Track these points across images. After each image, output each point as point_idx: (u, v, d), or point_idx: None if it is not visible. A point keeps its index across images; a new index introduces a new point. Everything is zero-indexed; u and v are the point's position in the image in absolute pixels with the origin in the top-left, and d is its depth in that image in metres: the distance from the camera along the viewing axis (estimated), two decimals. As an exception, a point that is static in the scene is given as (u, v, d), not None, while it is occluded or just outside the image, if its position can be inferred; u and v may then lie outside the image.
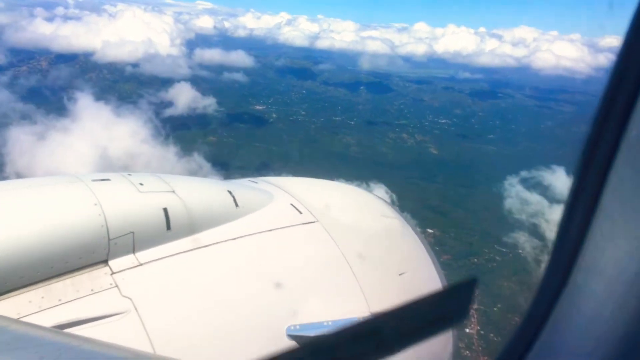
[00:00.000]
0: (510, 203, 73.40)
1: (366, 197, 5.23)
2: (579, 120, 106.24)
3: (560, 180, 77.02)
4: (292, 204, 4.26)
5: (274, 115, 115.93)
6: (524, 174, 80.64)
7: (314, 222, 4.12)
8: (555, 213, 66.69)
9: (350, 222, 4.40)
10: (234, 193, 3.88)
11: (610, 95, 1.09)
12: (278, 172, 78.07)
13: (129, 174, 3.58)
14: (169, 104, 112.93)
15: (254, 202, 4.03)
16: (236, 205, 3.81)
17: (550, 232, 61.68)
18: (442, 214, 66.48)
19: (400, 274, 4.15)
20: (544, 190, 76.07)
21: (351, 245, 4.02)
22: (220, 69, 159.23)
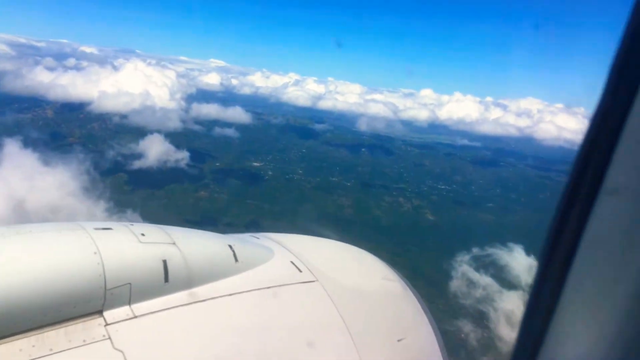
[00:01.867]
0: (457, 285, 69.57)
1: (368, 258, 5.12)
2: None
3: (517, 261, 74.05)
4: (292, 262, 4.21)
5: (270, 173, 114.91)
6: (476, 251, 77.38)
7: (313, 281, 4.07)
8: (505, 300, 64.05)
9: (351, 283, 4.33)
10: (234, 247, 3.84)
11: (568, 196, 1.14)
12: (267, 231, 77.17)
13: (132, 224, 3.54)
14: (139, 155, 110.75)
15: (254, 257, 4.00)
16: (236, 260, 3.77)
17: (498, 322, 59.43)
18: (434, 283, 63.78)
19: (399, 340, 4.09)
20: (498, 271, 72.98)
21: (350, 307, 3.97)
22: (214, 124, 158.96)
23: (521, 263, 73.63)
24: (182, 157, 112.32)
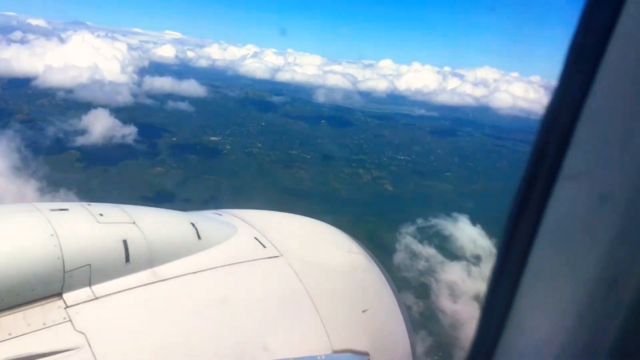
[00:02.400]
0: (400, 257, 68.67)
1: (332, 232, 5.14)
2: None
3: (462, 232, 74.14)
4: (256, 238, 4.19)
5: (228, 147, 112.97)
6: (420, 222, 76.71)
7: (277, 256, 4.06)
8: (448, 271, 64.42)
9: (315, 257, 4.35)
10: (196, 225, 3.80)
11: (527, 182, 1.14)
12: (227, 206, 76.11)
13: (89, 204, 3.48)
14: (82, 132, 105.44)
15: (217, 234, 3.95)
16: (198, 237, 3.74)
17: (440, 294, 59.81)
18: (388, 251, 64.30)
19: (363, 311, 4.12)
20: (442, 242, 72.91)
21: (315, 280, 3.98)
22: (167, 98, 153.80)
23: (466, 233, 73.86)
24: (129, 132, 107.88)
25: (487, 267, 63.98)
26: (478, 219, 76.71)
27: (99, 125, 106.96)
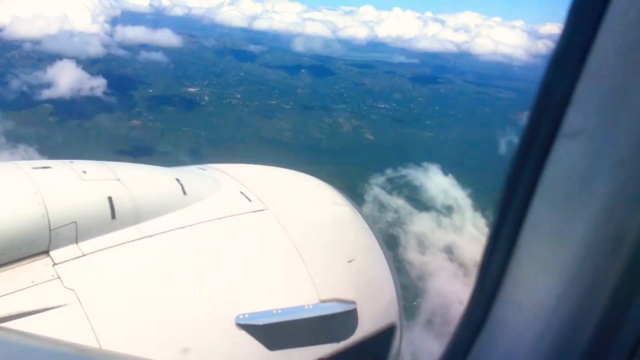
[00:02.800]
0: (368, 209, 67.06)
1: (317, 184, 5.12)
2: (515, 108, 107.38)
3: (432, 181, 73.71)
4: (241, 192, 4.21)
5: (207, 98, 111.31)
6: (390, 172, 76.19)
7: (263, 210, 4.08)
8: (416, 222, 64.80)
9: (301, 209, 4.40)
10: (181, 180, 3.82)
11: (526, 139, 1.16)
12: (206, 158, 76.33)
13: (72, 162, 3.46)
14: (47, 85, 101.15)
15: (202, 189, 3.98)
16: (184, 193, 3.75)
17: (408, 246, 60.27)
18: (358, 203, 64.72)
19: (349, 261, 4.19)
20: (412, 192, 72.83)
21: (301, 232, 4.03)
22: (141, 48, 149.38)
23: (437, 183, 73.69)
24: (98, 84, 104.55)
25: (458, 218, 66.37)
26: (456, 167, 77.08)
27: (67, 78, 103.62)
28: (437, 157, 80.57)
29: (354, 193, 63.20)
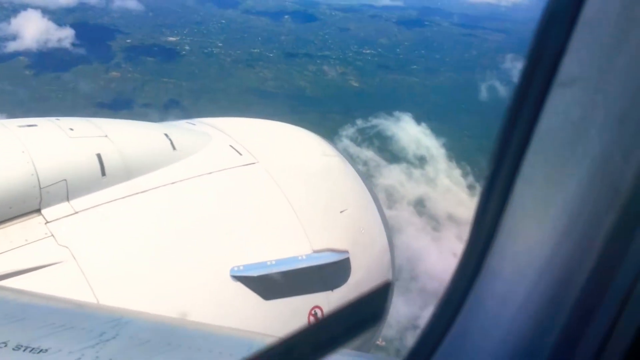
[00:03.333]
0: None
1: (306, 135, 5.19)
2: (503, 50, 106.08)
3: (405, 132, 71.29)
4: (231, 145, 4.19)
5: (187, 48, 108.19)
6: (360, 122, 73.21)
7: (254, 163, 4.09)
8: (386, 175, 63.32)
9: (291, 161, 4.46)
10: (170, 136, 3.81)
11: (521, 89, 1.15)
12: (188, 110, 76.14)
13: (57, 119, 3.41)
14: (12, 37, 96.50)
15: (192, 144, 3.95)
16: (173, 148, 3.73)
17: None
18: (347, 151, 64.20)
19: (341, 212, 4.22)
20: (384, 143, 70.40)
21: (292, 184, 4.06)
22: None
23: (409, 133, 71.43)
24: (68, 35, 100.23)
25: (431, 169, 64.58)
26: (434, 114, 76.09)
27: (32, 29, 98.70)
28: (418, 104, 79.79)
29: (337, 142, 62.83)
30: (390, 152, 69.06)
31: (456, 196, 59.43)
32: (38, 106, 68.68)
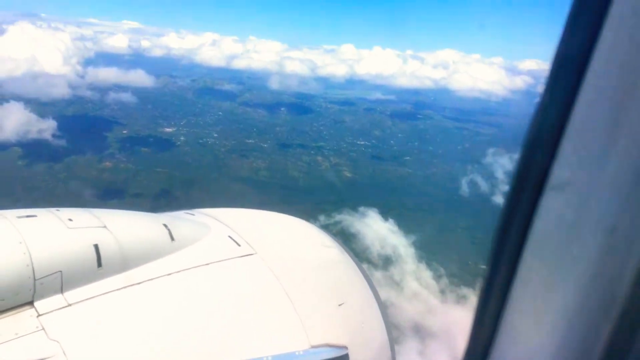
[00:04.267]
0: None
1: (305, 227, 5.22)
2: (495, 144, 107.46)
3: (370, 228, 65.25)
4: (229, 236, 4.22)
5: (183, 139, 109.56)
6: (322, 219, 65.69)
7: (252, 254, 4.09)
8: None
9: (289, 252, 4.41)
10: (169, 226, 3.81)
11: (514, 192, 1.17)
12: (180, 200, 75.59)
13: (57, 210, 3.44)
14: None
15: (191, 235, 3.96)
16: (172, 239, 3.74)
17: None
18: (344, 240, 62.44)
19: (339, 305, 4.16)
20: (346, 241, 63.51)
21: (290, 277, 4.02)
22: (111, 89, 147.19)
23: (375, 230, 65.46)
24: (46, 127, 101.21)
25: (396, 271, 57.58)
26: (409, 209, 73.93)
27: (13, 120, 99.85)
28: (417, 193, 79.11)
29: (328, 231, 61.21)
30: (353, 251, 65.11)
31: (425, 303, 52.84)
32: (27, 196, 67.98)
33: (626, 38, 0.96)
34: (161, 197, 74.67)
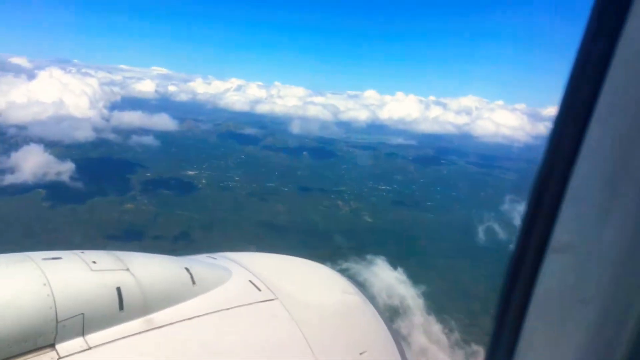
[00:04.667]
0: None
1: (326, 272, 5.20)
2: (514, 189, 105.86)
3: (378, 277, 62.56)
4: (250, 281, 4.22)
5: (204, 182, 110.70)
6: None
7: (273, 299, 4.08)
8: None
9: (310, 299, 4.36)
10: (191, 270, 3.82)
11: (517, 254, 1.20)
12: (198, 243, 75.47)
13: (82, 252, 3.47)
14: (11, 170, 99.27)
15: (212, 279, 3.98)
16: (193, 282, 3.74)
17: None
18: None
19: (361, 353, 4.13)
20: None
21: (311, 323, 4.00)
22: (134, 132, 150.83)
23: (382, 279, 62.88)
24: (64, 169, 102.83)
25: (403, 324, 53.67)
26: (445, 251, 72.31)
27: (35, 162, 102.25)
28: (437, 239, 77.66)
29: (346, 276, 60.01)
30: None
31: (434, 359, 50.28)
32: (49, 237, 68.66)
33: (624, 109, 0.99)
34: (180, 240, 74.83)
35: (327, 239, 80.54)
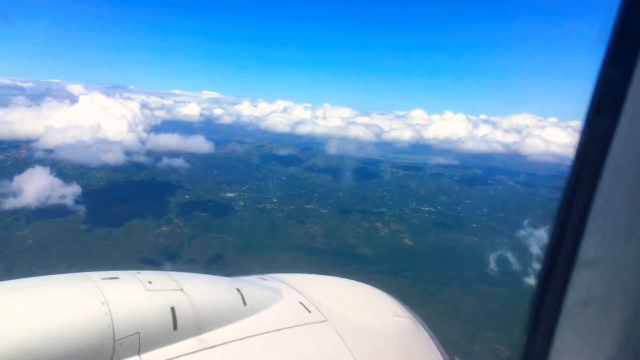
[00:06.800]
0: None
1: (377, 295, 5.13)
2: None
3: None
4: (300, 302, 4.23)
5: (242, 204, 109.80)
6: None
7: (323, 321, 4.08)
8: None
9: (361, 321, 4.32)
10: (242, 291, 3.88)
11: (546, 269, 1.23)
12: (231, 265, 74.14)
13: (139, 272, 3.56)
14: (13, 193, 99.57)
15: (263, 300, 4.02)
16: (244, 303, 3.80)
17: None
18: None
19: None
20: None
21: (362, 346, 3.98)
22: (176, 154, 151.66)
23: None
24: (69, 192, 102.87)
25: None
26: (482, 276, 68.43)
27: (34, 185, 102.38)
28: (478, 265, 73.48)
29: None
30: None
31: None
32: (84, 260, 68.56)
33: None
34: (213, 263, 73.98)
35: (364, 262, 77.66)
